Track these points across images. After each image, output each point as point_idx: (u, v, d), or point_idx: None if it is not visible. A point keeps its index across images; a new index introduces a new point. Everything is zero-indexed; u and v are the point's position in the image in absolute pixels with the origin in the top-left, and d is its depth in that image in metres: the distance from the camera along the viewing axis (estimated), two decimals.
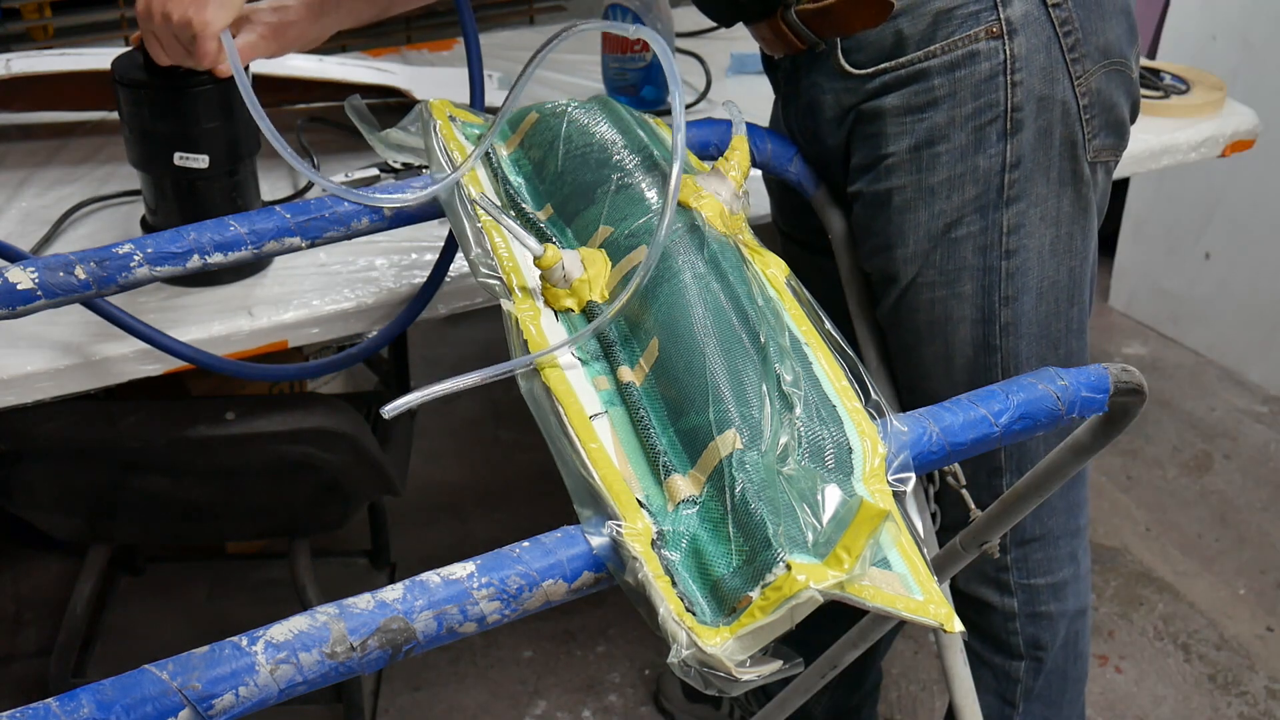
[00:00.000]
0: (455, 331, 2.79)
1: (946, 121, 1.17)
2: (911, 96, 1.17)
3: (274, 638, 0.61)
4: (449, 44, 2.05)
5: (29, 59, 1.64)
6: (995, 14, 1.15)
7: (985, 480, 1.32)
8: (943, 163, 1.18)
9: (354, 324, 1.33)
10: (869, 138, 1.20)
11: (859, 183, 1.23)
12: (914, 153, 1.18)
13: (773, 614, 0.64)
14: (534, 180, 1.03)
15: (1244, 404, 2.62)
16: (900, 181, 1.20)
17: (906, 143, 1.18)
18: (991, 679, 1.47)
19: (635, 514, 0.69)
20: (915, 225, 1.21)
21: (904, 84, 1.17)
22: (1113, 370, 0.81)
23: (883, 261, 1.24)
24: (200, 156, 1.27)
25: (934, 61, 1.16)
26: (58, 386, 1.24)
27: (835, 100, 1.21)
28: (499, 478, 2.39)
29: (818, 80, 1.22)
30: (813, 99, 1.23)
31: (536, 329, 0.85)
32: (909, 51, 1.16)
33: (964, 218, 1.20)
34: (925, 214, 1.20)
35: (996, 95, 1.16)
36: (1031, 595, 1.41)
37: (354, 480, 1.59)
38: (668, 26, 1.77)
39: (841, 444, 0.74)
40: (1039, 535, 1.38)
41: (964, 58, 1.15)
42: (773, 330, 0.82)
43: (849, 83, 1.19)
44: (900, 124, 1.18)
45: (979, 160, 1.18)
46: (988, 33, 1.15)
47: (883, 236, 1.22)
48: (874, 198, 1.21)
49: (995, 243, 1.21)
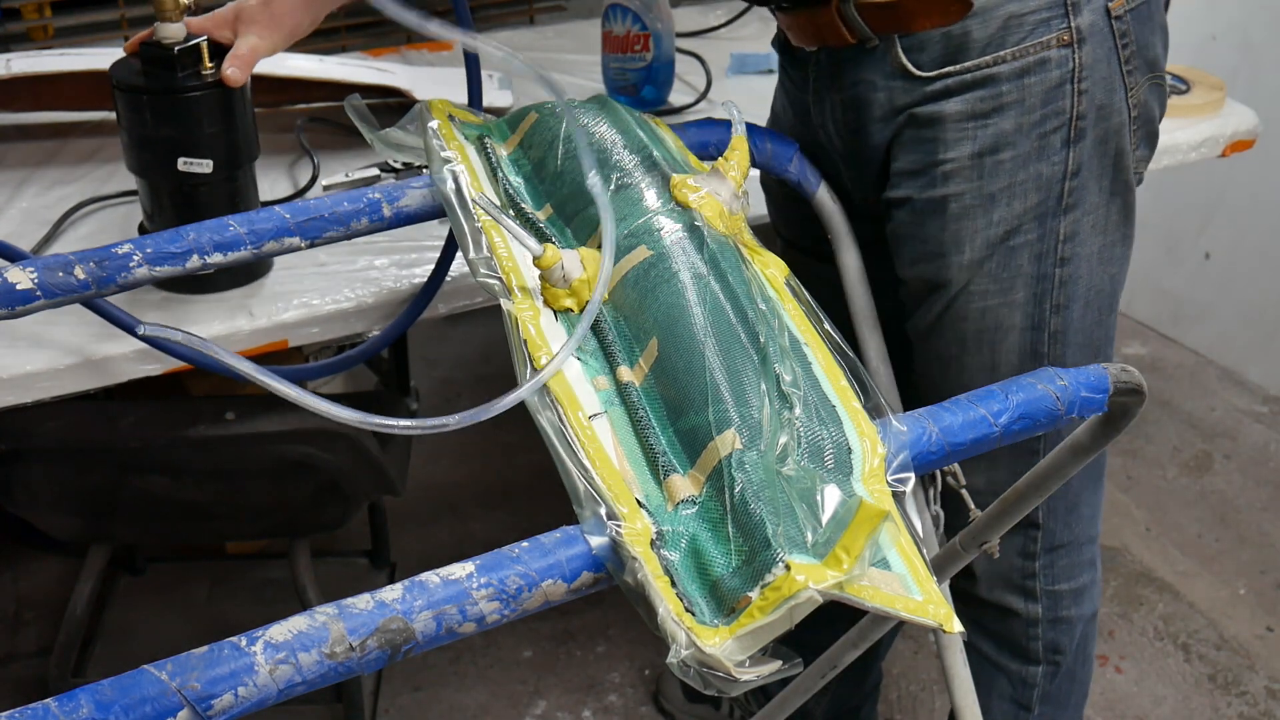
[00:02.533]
0: (455, 331, 2.79)
1: (1013, 128, 1.16)
2: (976, 102, 1.16)
3: (273, 638, 0.61)
4: (449, 44, 2.05)
5: (29, 59, 1.64)
6: (1066, 22, 1.14)
7: None
8: (1005, 170, 1.17)
9: (354, 324, 1.33)
10: (922, 142, 1.19)
11: (904, 188, 1.21)
12: (976, 159, 1.17)
13: (772, 614, 0.64)
14: (533, 180, 1.03)
15: (1244, 404, 2.62)
16: (959, 188, 1.18)
17: (968, 149, 1.17)
18: (1007, 684, 1.46)
19: (634, 514, 0.69)
20: (973, 232, 1.20)
21: (968, 88, 1.15)
22: (1112, 370, 0.81)
23: (932, 269, 1.22)
24: (204, 162, 1.27)
25: (1003, 67, 1.15)
26: (58, 386, 1.24)
27: (888, 99, 1.19)
28: (499, 478, 2.39)
29: (867, 77, 1.19)
30: (859, 96, 1.21)
31: (536, 329, 0.85)
32: (975, 55, 1.15)
33: (1023, 225, 1.19)
34: (983, 221, 1.19)
35: (1063, 103, 1.16)
36: (1055, 601, 1.41)
37: (354, 480, 1.59)
38: (668, 26, 1.77)
39: (841, 444, 0.74)
40: (1067, 541, 1.39)
41: (1034, 64, 1.15)
42: (772, 330, 0.82)
43: (907, 83, 1.17)
44: (961, 129, 1.17)
45: (1041, 167, 1.18)
46: (1059, 40, 1.15)
47: (934, 244, 1.21)
48: (927, 204, 1.20)
49: (1051, 250, 1.21)
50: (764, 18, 2.15)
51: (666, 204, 0.92)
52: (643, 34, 1.74)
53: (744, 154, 0.98)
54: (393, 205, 1.04)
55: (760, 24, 2.13)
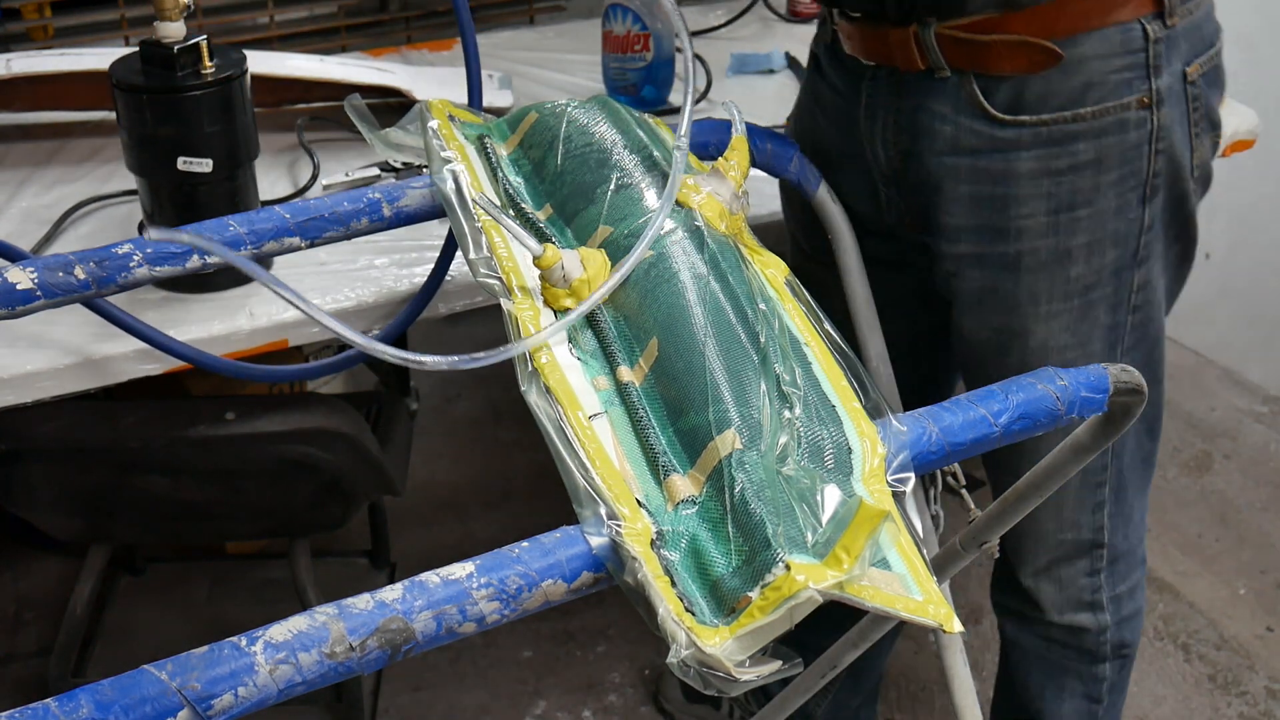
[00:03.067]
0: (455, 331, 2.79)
1: (1090, 187, 1.15)
2: (1051, 159, 1.15)
3: (273, 638, 0.61)
4: (449, 44, 2.05)
5: (29, 59, 1.64)
6: (1147, 84, 1.14)
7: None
8: (1083, 227, 1.17)
9: (354, 323, 1.33)
10: (991, 199, 1.17)
11: (970, 243, 1.20)
12: (1052, 216, 1.17)
13: (772, 614, 0.64)
14: (533, 180, 1.03)
15: (1244, 404, 2.62)
16: (1034, 245, 1.18)
17: (1043, 206, 1.16)
18: (1079, 683, 1.48)
19: (635, 514, 0.69)
20: (1050, 288, 1.20)
21: (1043, 143, 1.14)
22: (1112, 370, 0.81)
23: (1004, 321, 1.22)
24: (204, 161, 1.27)
25: (1081, 126, 1.14)
26: (58, 386, 1.24)
27: (954, 134, 1.17)
28: (499, 478, 2.39)
29: (934, 106, 1.17)
30: (920, 123, 1.19)
31: (536, 329, 0.85)
32: (1053, 109, 1.13)
33: (1101, 280, 1.20)
34: (1061, 277, 1.19)
35: (1140, 164, 1.16)
36: (1118, 604, 1.42)
37: (354, 480, 1.59)
38: (668, 26, 1.77)
39: (841, 444, 0.74)
40: (1125, 551, 1.40)
41: (1113, 125, 1.14)
42: (772, 330, 0.82)
43: (977, 122, 1.15)
44: (1036, 186, 1.16)
45: (1119, 225, 1.18)
46: (1139, 102, 1.14)
47: (1008, 298, 1.21)
48: (998, 259, 1.19)
49: (1125, 301, 1.22)
50: (764, 18, 2.15)
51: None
52: (643, 34, 1.75)
53: (744, 154, 0.98)
54: (393, 205, 1.04)
55: (760, 24, 2.13)
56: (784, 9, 2.15)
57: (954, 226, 1.21)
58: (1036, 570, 1.40)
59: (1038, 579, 1.40)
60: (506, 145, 1.09)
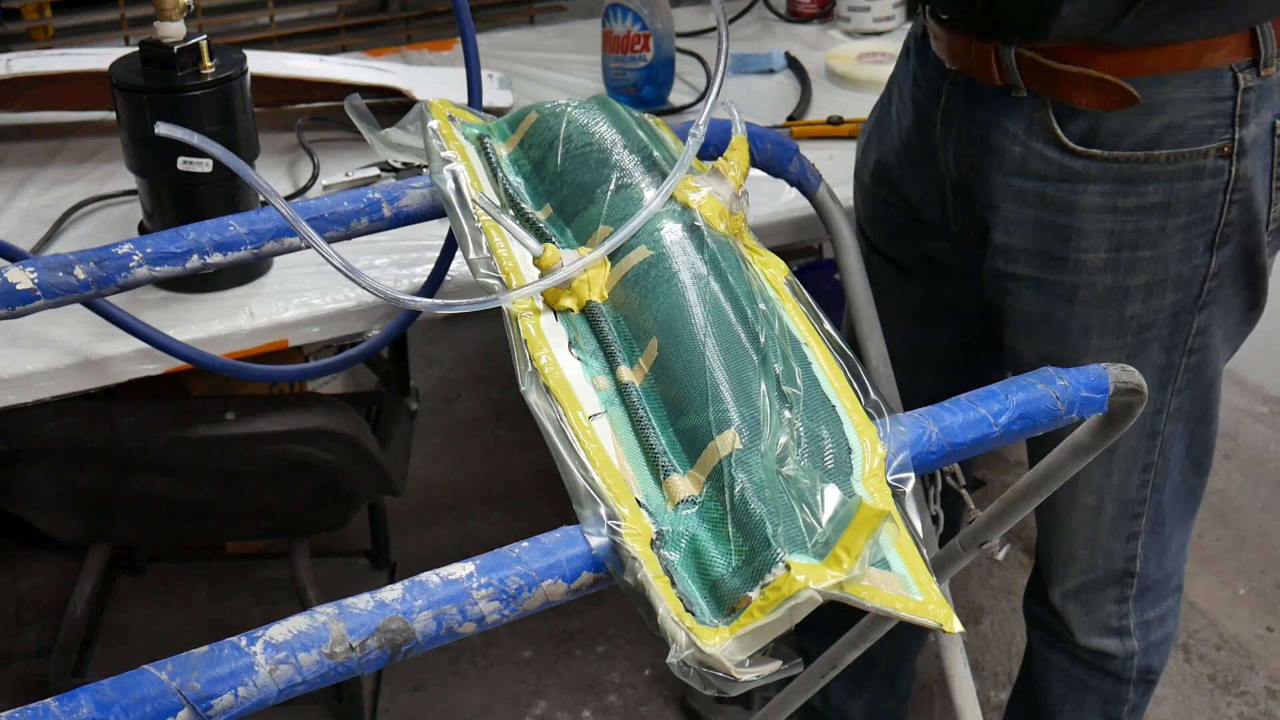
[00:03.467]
0: (455, 331, 2.79)
1: (1156, 229, 1.12)
2: (1119, 196, 1.12)
3: (273, 638, 0.61)
4: (449, 44, 2.05)
5: (29, 59, 1.64)
6: (1230, 133, 1.10)
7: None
8: (1143, 267, 1.14)
9: (354, 323, 1.33)
10: (1053, 227, 1.15)
11: (1027, 266, 1.18)
12: (1113, 253, 1.14)
13: (772, 614, 0.64)
14: (533, 180, 1.03)
15: (1244, 404, 2.62)
16: (1091, 279, 1.16)
17: (1105, 242, 1.14)
18: (1098, 701, 1.47)
19: (635, 514, 0.69)
20: (1103, 322, 1.17)
21: (1112, 179, 1.11)
22: (1112, 370, 0.81)
23: (1053, 348, 1.21)
24: (204, 161, 1.27)
25: (1153, 168, 1.10)
26: (58, 386, 1.24)
27: (1022, 157, 1.14)
28: (499, 478, 2.39)
29: (1006, 125, 1.15)
30: (990, 139, 1.17)
31: (536, 329, 0.85)
32: (1127, 147, 1.10)
33: (1158, 320, 1.17)
34: (1116, 313, 1.17)
35: (1212, 211, 1.12)
36: (1146, 630, 1.41)
37: (354, 480, 1.59)
38: (668, 26, 1.77)
39: (841, 444, 0.74)
40: (1158, 580, 1.39)
41: (1187, 171, 1.10)
42: (772, 330, 0.82)
43: (1048, 148, 1.13)
44: (1100, 221, 1.13)
45: (1182, 269, 1.15)
46: (1218, 151, 1.10)
47: (1059, 326, 1.19)
48: (1054, 288, 1.17)
49: (1181, 343, 1.20)
50: (764, 18, 2.15)
51: (667, 204, 0.92)
52: (643, 34, 1.75)
53: (744, 154, 0.98)
54: (393, 205, 1.04)
55: (760, 24, 2.13)
56: (784, 9, 2.16)
57: (1014, 248, 1.19)
58: (1065, 593, 1.39)
59: (1066, 601, 1.39)
60: (506, 145, 1.09)
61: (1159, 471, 1.29)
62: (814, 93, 1.82)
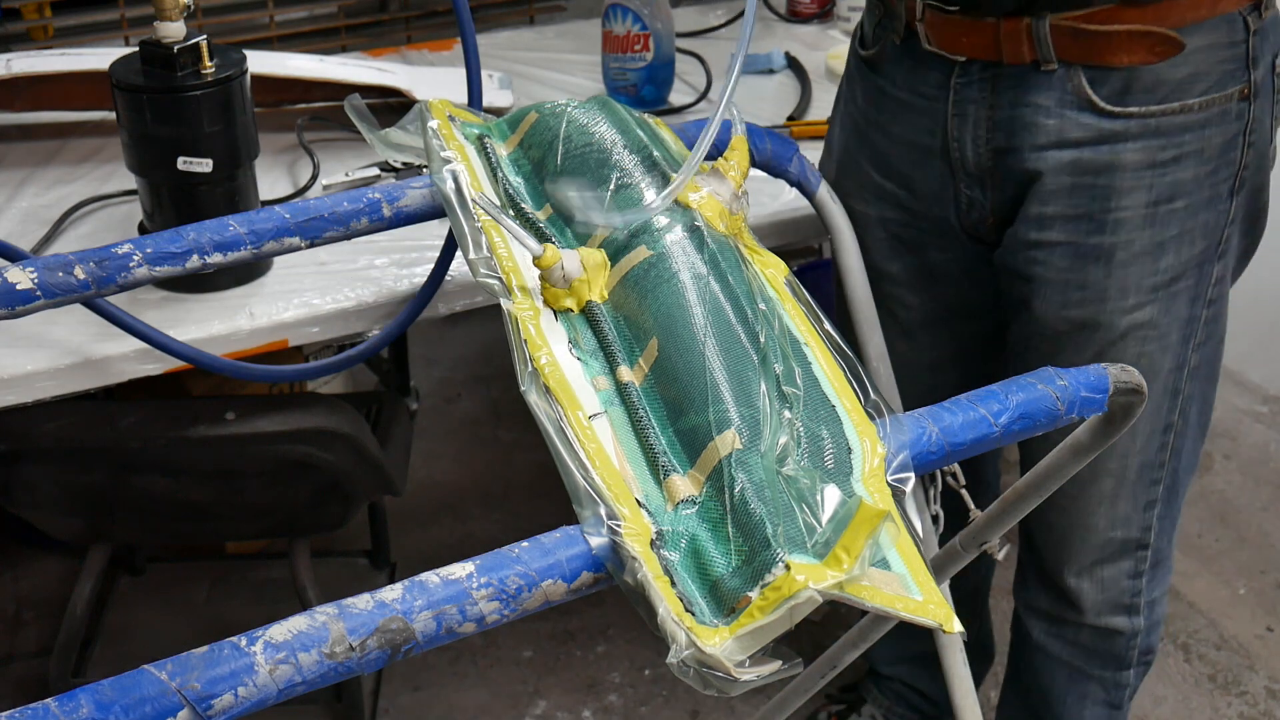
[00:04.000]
0: (455, 331, 2.79)
1: (1190, 178, 1.16)
2: (1157, 150, 1.14)
3: (273, 638, 0.61)
4: (449, 44, 2.05)
5: (29, 59, 1.64)
6: (1246, 75, 1.15)
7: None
8: (1177, 218, 1.17)
9: (354, 323, 1.33)
10: (1091, 188, 1.17)
11: (1061, 231, 1.19)
12: (1151, 208, 1.16)
13: (772, 614, 0.64)
14: (533, 180, 1.03)
15: (1244, 404, 2.62)
16: (1129, 236, 1.17)
17: (1143, 198, 1.16)
18: (1100, 690, 1.47)
19: (634, 514, 0.69)
20: (1139, 279, 1.19)
21: (1149, 135, 1.14)
22: (1112, 370, 0.81)
23: (1089, 313, 1.21)
24: (204, 161, 1.27)
25: (1187, 117, 1.14)
26: (58, 386, 1.24)
27: (1058, 128, 1.15)
28: (499, 478, 2.39)
29: (1037, 101, 1.16)
30: (1020, 118, 1.17)
31: (536, 329, 0.85)
32: (1160, 100, 1.13)
33: (1186, 272, 1.20)
34: (1151, 268, 1.19)
35: (1234, 154, 1.16)
36: (1152, 609, 1.42)
37: (354, 480, 1.59)
38: (668, 26, 1.77)
39: (841, 444, 0.74)
40: (1165, 555, 1.40)
41: (1217, 116, 1.14)
42: (772, 330, 0.82)
43: (1084, 115, 1.14)
44: (1138, 178, 1.15)
45: (1209, 216, 1.18)
46: (1240, 94, 1.15)
47: (1095, 289, 1.20)
48: (1090, 250, 1.19)
49: (1203, 294, 1.23)
50: (764, 18, 2.15)
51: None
52: (643, 34, 1.75)
53: (744, 154, 0.98)
54: (393, 205, 1.04)
55: (760, 24, 2.13)
56: (784, 9, 2.15)
57: (1047, 215, 1.19)
58: (1081, 569, 1.38)
59: (1080, 578, 1.39)
60: (506, 145, 1.09)
61: (1178, 434, 1.31)
62: (814, 93, 1.82)
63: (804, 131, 1.68)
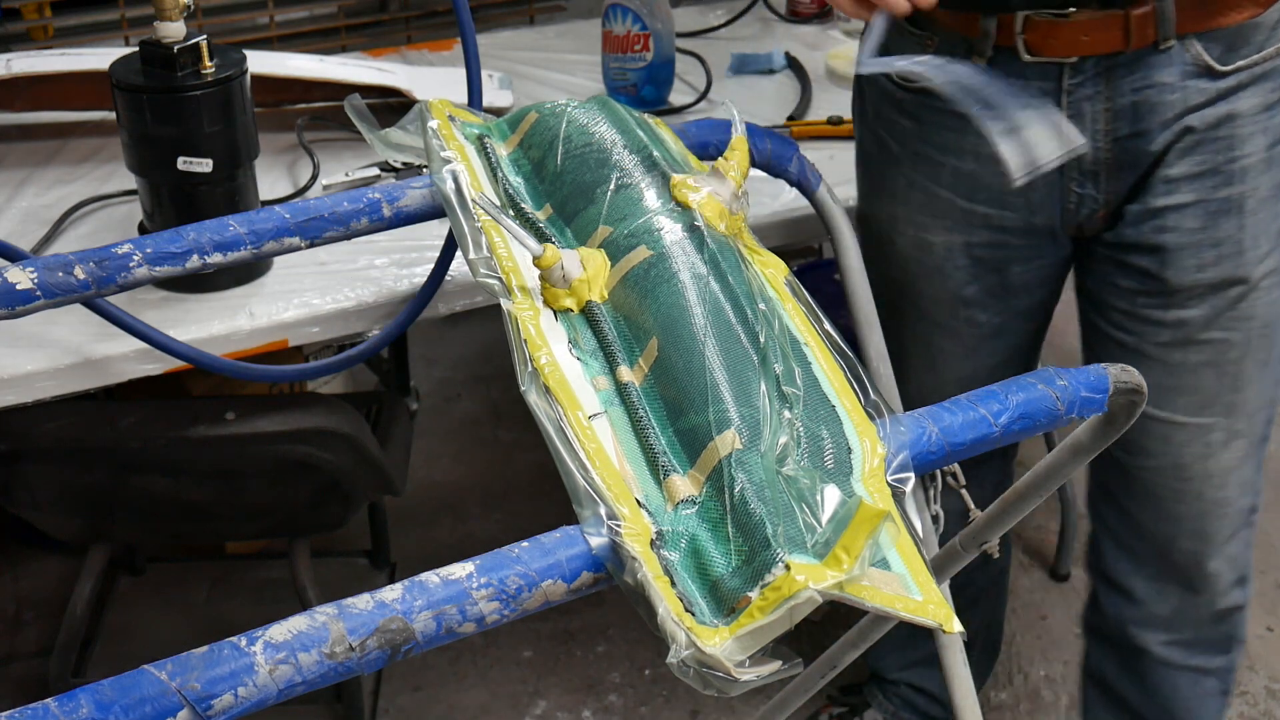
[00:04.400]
0: (455, 331, 2.79)
1: None
2: (1269, 93, 1.17)
3: (273, 638, 0.61)
4: (449, 44, 2.05)
5: (29, 59, 1.64)
6: None
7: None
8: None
9: (354, 323, 1.33)
10: (1212, 142, 1.18)
11: (1188, 191, 1.20)
12: (1270, 150, 1.19)
13: (772, 614, 0.64)
14: (533, 180, 1.03)
15: None
16: (1255, 183, 1.19)
17: (1262, 142, 1.18)
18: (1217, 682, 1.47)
19: (634, 514, 0.69)
20: (1268, 225, 1.21)
21: (1260, 80, 1.17)
22: (1112, 370, 0.81)
23: (1227, 269, 1.22)
24: (204, 161, 1.27)
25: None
26: (58, 386, 1.24)
27: (1181, 100, 1.17)
28: (499, 478, 2.39)
29: (1159, 80, 1.17)
30: (1144, 101, 1.18)
31: (536, 329, 0.85)
32: (1260, 47, 1.16)
33: None
34: (1274, 211, 1.21)
35: None
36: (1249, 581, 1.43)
37: (354, 480, 1.59)
38: (668, 26, 1.77)
39: (841, 444, 0.74)
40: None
41: None
42: (772, 330, 0.82)
43: (1204, 82, 1.16)
44: (1255, 123, 1.17)
45: None
46: None
47: (1230, 244, 1.21)
48: (1222, 204, 1.20)
49: None
50: (764, 18, 2.15)
51: (666, 204, 0.92)
52: (643, 34, 1.75)
53: (744, 154, 0.98)
54: (393, 205, 1.04)
55: (760, 24, 2.13)
56: (784, 9, 2.15)
57: (1173, 178, 1.21)
58: (1220, 546, 1.36)
59: (1219, 559, 1.36)
60: (506, 145, 1.09)
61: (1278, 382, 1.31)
62: (814, 93, 1.82)
63: (804, 131, 1.68)
